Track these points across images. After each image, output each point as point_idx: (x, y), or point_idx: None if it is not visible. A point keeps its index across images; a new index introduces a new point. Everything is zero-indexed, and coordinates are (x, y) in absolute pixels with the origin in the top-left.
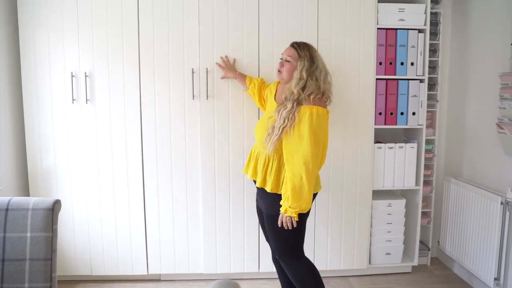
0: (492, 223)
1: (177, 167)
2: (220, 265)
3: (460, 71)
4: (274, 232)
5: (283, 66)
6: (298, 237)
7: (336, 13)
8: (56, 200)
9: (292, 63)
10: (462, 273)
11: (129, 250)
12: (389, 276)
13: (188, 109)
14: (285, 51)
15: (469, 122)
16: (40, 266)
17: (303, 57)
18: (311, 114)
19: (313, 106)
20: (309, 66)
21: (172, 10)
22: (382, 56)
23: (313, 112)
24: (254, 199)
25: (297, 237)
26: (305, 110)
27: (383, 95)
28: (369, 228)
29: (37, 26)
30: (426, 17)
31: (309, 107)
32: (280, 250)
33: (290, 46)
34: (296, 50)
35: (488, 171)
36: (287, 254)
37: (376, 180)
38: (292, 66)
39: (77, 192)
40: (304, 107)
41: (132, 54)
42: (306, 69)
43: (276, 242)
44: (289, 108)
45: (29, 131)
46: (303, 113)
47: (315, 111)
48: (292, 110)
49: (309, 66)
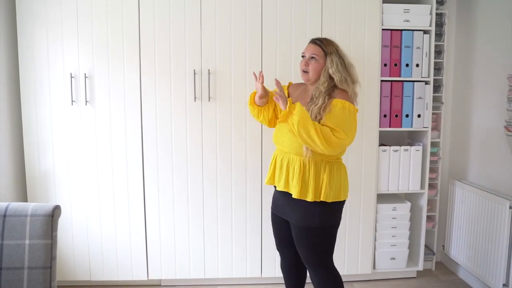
0: (500, 227)
1: (178, 170)
2: (221, 270)
3: (465, 73)
4: (304, 245)
5: (308, 65)
6: (331, 248)
7: (341, 14)
8: (55, 206)
9: (319, 61)
10: (468, 278)
11: (129, 255)
12: (394, 281)
13: (190, 111)
14: (308, 49)
15: (475, 124)
16: (39, 275)
17: (331, 52)
18: (343, 108)
19: (345, 101)
20: (337, 62)
21: (174, 9)
22: (387, 58)
23: (345, 107)
24: (257, 204)
25: (332, 248)
26: (337, 102)
27: (388, 97)
28: (374, 232)
29: (35, 22)
30: (432, 18)
31: (341, 101)
32: (312, 263)
33: (312, 44)
34: (320, 47)
35: (495, 174)
36: (322, 266)
37: (381, 183)
38: (319, 65)
39: (76, 196)
40: (336, 100)
41: (133, 54)
42: (336, 66)
43: (308, 255)
44: (320, 104)
45: (27, 133)
46: (334, 105)
47: (347, 105)
48: (323, 105)
49: (337, 63)
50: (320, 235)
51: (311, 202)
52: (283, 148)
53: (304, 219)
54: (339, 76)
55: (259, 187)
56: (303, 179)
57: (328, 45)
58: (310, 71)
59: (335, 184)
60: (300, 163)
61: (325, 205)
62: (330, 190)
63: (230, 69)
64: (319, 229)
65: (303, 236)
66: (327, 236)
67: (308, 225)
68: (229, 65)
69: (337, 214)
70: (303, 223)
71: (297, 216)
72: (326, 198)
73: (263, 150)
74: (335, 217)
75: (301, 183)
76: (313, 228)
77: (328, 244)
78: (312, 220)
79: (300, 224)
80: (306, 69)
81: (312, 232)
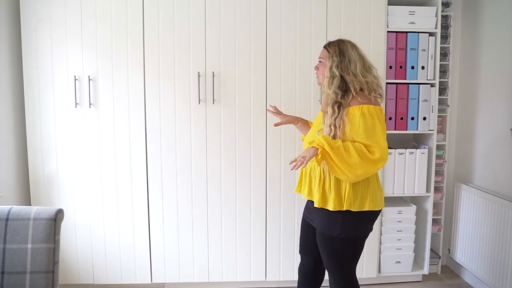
0: (507, 231)
1: (182, 173)
2: (226, 274)
3: (471, 75)
4: (330, 254)
5: (318, 69)
6: (356, 259)
7: (346, 15)
8: (58, 210)
9: (324, 63)
10: (474, 282)
11: (133, 258)
12: (399, 285)
13: (194, 114)
14: (320, 54)
15: (480, 127)
16: (41, 279)
17: (332, 53)
18: (362, 115)
19: (363, 106)
20: (340, 61)
21: (178, 11)
22: (392, 60)
23: (364, 112)
24: (262, 207)
25: (355, 259)
26: (354, 110)
27: (393, 99)
28: (379, 236)
29: (39, 24)
30: (437, 20)
31: (358, 107)
32: (332, 270)
33: (323, 47)
34: (326, 49)
35: (501, 178)
36: (342, 277)
37: (386, 186)
38: (324, 66)
39: (79, 199)
40: (352, 108)
41: (137, 56)
42: (336, 65)
43: (329, 262)
44: (331, 113)
45: (31, 136)
46: (352, 115)
47: (366, 110)
48: (335, 115)
49: (340, 61)
50: (340, 246)
51: (334, 211)
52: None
53: (326, 227)
54: (327, 79)
55: (264, 190)
56: (324, 187)
57: (333, 45)
58: (319, 74)
59: (361, 193)
60: (321, 171)
61: (349, 214)
62: (355, 199)
63: (234, 72)
64: (340, 240)
65: (325, 244)
66: (348, 247)
67: (329, 234)
68: (233, 68)
69: (362, 225)
70: (325, 231)
71: (320, 223)
72: (350, 207)
73: (268, 153)
74: (360, 228)
75: (322, 191)
76: (334, 238)
77: (350, 255)
78: (333, 229)
79: (322, 231)
80: (317, 73)
81: (333, 241)
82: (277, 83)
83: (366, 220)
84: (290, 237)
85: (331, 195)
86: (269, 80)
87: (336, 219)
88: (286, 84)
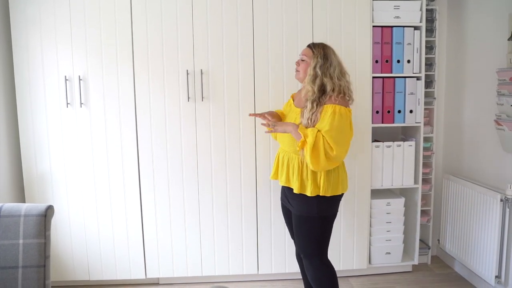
0: (492, 220)
1: (173, 169)
2: (218, 268)
3: (457, 68)
4: (302, 233)
5: (299, 65)
6: (326, 238)
7: (331, 11)
8: (48, 206)
9: (307, 61)
10: (463, 271)
11: (127, 254)
12: (390, 275)
13: (184, 111)
14: (302, 51)
15: (467, 119)
16: (33, 274)
17: (316, 54)
18: (333, 113)
19: (336, 105)
20: (323, 63)
21: (165, 11)
22: (378, 54)
23: (335, 111)
24: (252, 201)
25: (325, 238)
26: (328, 108)
27: (380, 93)
28: (369, 228)
29: (29, 26)
30: (422, 14)
31: (331, 106)
32: (308, 251)
33: (307, 46)
34: (311, 49)
35: (487, 168)
36: (313, 255)
37: (375, 179)
38: (307, 64)
39: (73, 197)
40: (327, 105)
41: (126, 56)
42: (320, 66)
43: (304, 242)
44: (309, 108)
45: (24, 136)
46: (325, 111)
47: (338, 109)
48: (313, 111)
49: (323, 63)
50: (317, 224)
51: (311, 196)
52: (284, 147)
53: (304, 209)
54: (309, 77)
55: (254, 185)
56: (302, 177)
57: (318, 48)
58: (300, 70)
59: (333, 180)
60: (298, 162)
61: (324, 197)
62: (329, 185)
63: (222, 69)
64: (318, 218)
65: (302, 224)
66: (324, 225)
67: (307, 215)
68: (221, 65)
69: (334, 205)
70: (303, 213)
71: (297, 207)
72: (325, 193)
73: (257, 149)
74: (333, 208)
75: (300, 179)
76: (312, 217)
77: (324, 234)
78: (311, 210)
79: (300, 213)
80: (298, 68)
81: (311, 220)
82: (265, 79)
83: (335, 201)
84: (281, 230)
85: (308, 183)
86: (256, 76)
87: (313, 201)
88: (273, 79)
